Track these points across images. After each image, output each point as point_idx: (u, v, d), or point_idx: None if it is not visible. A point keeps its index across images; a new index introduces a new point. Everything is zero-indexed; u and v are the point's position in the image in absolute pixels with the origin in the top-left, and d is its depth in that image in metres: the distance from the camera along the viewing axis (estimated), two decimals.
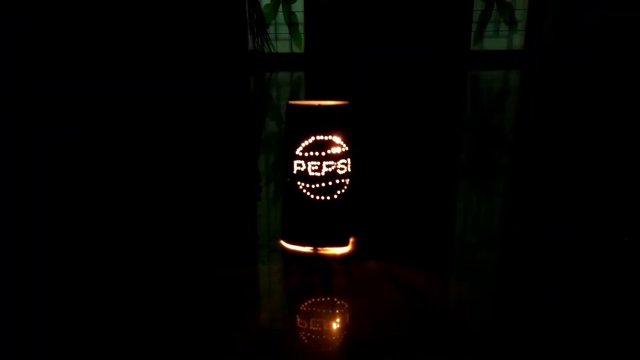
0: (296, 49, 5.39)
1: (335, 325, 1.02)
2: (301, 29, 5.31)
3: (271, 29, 5.29)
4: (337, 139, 1.21)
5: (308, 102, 1.25)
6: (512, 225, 1.55)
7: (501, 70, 5.37)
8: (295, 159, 1.23)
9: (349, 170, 1.25)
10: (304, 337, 0.97)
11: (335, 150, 1.22)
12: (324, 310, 1.05)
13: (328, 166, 1.22)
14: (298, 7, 5.25)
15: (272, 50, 5.14)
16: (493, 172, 2.16)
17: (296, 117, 1.24)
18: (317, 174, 1.22)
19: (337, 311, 1.06)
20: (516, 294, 1.10)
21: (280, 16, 5.34)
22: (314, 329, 0.99)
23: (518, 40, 5.73)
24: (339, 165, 1.23)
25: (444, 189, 1.88)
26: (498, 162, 2.31)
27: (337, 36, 4.99)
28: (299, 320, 1.02)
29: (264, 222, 1.57)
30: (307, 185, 1.24)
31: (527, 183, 1.91)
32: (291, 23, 5.33)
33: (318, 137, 1.21)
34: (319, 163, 1.22)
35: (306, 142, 1.21)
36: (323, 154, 1.21)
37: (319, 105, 1.23)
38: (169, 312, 1.02)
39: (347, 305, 1.07)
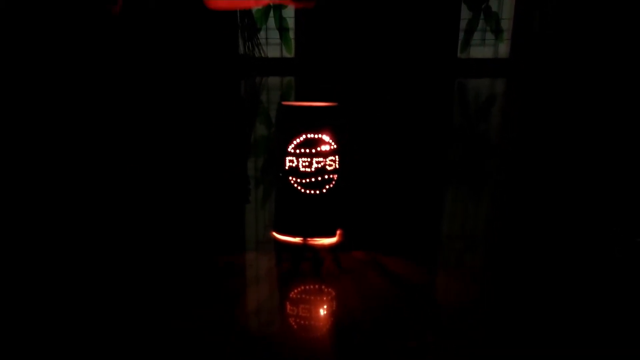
0: (287, 54, 5.48)
1: (324, 309, 1.10)
2: (292, 34, 5.41)
3: (262, 34, 5.38)
4: (326, 138, 1.30)
5: (299, 103, 1.34)
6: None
7: (487, 78, 5.52)
8: (288, 155, 1.31)
9: (337, 166, 1.33)
10: (294, 322, 1.05)
11: (324, 147, 1.30)
12: (313, 296, 1.14)
13: (318, 162, 1.30)
14: (289, 12, 5.35)
15: (263, 55, 5.22)
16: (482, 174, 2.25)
17: (289, 117, 1.32)
18: (308, 169, 1.31)
19: (326, 296, 1.14)
20: (499, 279, 1.19)
21: (271, 21, 5.43)
22: (303, 314, 1.08)
23: (504, 49, 5.87)
24: (328, 162, 1.31)
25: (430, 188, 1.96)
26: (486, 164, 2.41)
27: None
28: (289, 305, 1.11)
29: (255, 217, 1.65)
30: (298, 180, 1.32)
31: (513, 185, 2.01)
32: (282, 28, 5.43)
33: (309, 135, 1.29)
34: (309, 159, 1.30)
35: (297, 140, 1.30)
36: (313, 151, 1.30)
37: (310, 106, 1.32)
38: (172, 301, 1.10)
39: (335, 291, 1.15)
